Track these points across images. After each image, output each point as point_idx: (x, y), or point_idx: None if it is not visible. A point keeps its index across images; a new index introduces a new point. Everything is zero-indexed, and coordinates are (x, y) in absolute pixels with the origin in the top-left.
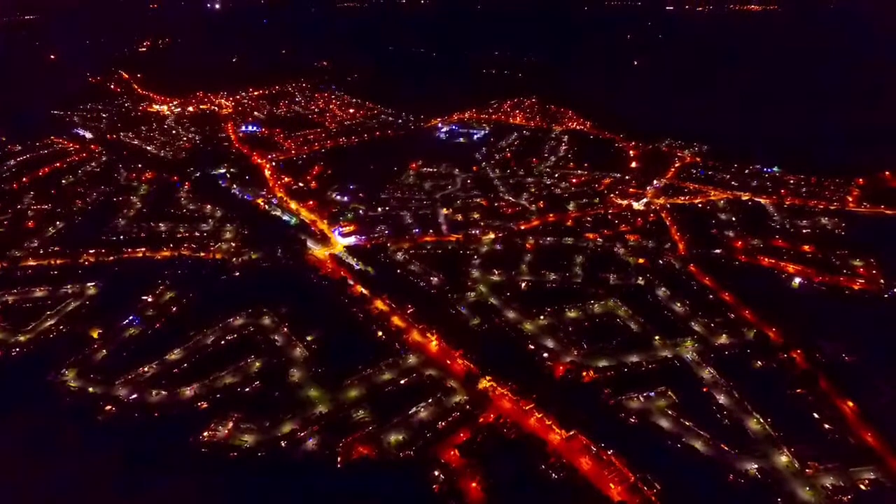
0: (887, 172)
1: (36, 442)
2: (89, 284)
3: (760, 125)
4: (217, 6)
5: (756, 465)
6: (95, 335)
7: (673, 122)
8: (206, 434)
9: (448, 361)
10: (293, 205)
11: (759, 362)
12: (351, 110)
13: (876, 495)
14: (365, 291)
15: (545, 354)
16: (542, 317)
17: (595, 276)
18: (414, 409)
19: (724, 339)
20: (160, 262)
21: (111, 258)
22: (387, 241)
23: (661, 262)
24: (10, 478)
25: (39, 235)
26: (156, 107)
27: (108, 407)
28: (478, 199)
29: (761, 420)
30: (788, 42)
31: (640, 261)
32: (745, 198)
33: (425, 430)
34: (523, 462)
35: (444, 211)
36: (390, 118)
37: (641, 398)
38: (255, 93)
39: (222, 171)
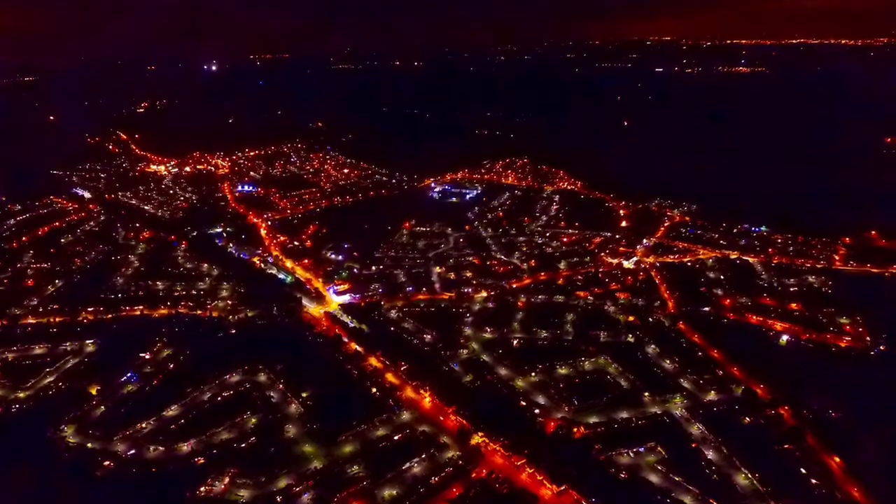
0: (873, 231)
1: (35, 498)
2: (88, 342)
3: (749, 185)
4: (214, 68)
5: None
6: (94, 392)
7: (662, 182)
8: (202, 489)
9: (441, 417)
10: (289, 263)
11: (748, 418)
12: (345, 170)
13: None
14: (359, 348)
15: (537, 410)
16: (533, 373)
17: (586, 334)
18: (407, 465)
19: (712, 396)
20: (158, 320)
21: (109, 316)
22: (381, 300)
23: (650, 319)
24: None
25: (39, 293)
26: (153, 167)
27: (107, 462)
28: (470, 258)
29: (749, 475)
30: (776, 104)
31: (631, 318)
32: (733, 256)
33: (419, 485)
34: None
35: (437, 269)
36: (384, 178)
37: (631, 453)
38: (252, 153)
39: (219, 230)
